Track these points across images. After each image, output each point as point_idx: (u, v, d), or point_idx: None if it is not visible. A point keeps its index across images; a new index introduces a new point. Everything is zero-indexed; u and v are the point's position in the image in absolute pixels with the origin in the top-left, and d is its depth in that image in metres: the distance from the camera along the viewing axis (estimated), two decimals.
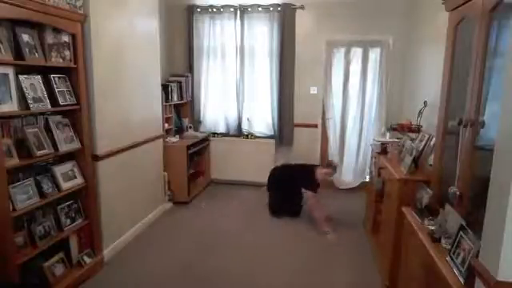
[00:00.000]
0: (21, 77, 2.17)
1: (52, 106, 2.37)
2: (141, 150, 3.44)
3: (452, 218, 1.72)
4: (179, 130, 4.68)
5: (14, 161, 2.10)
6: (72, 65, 2.52)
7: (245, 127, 4.91)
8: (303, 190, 3.85)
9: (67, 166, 2.57)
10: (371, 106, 4.62)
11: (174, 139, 4.32)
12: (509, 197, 1.12)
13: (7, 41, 2.07)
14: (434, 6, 3.08)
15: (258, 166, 4.69)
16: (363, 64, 4.56)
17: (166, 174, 4.06)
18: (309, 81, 4.67)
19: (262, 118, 4.88)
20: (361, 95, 4.62)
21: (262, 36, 4.67)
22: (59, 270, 2.48)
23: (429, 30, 3.57)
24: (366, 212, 3.76)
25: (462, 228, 1.54)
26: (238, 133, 4.94)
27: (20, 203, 2.14)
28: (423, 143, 2.57)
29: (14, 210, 2.10)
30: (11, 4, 1.97)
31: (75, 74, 2.55)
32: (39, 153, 2.25)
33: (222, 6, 4.65)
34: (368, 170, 4.15)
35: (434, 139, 2.38)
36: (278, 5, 4.50)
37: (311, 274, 2.82)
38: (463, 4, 1.77)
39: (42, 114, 2.39)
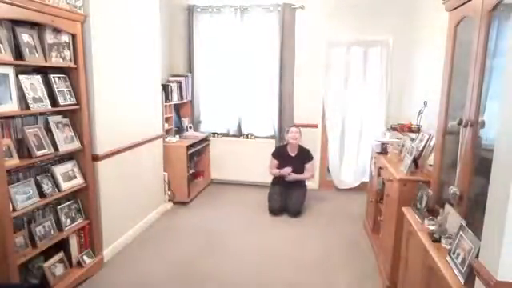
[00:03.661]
0: (21, 77, 2.17)
1: (52, 106, 2.37)
2: (141, 150, 3.44)
3: (452, 218, 1.72)
4: (179, 130, 4.68)
5: (14, 161, 2.10)
6: (72, 65, 2.52)
7: (245, 127, 4.91)
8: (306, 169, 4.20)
9: (67, 166, 2.57)
10: (371, 106, 4.62)
11: (174, 139, 4.31)
12: (509, 197, 1.12)
13: (7, 41, 2.07)
14: (434, 6, 3.07)
15: (257, 166, 4.68)
16: (363, 64, 4.56)
17: (166, 174, 4.05)
18: (309, 81, 4.66)
19: (262, 118, 4.87)
20: (361, 95, 4.62)
21: (261, 36, 4.67)
22: (59, 270, 2.48)
23: (429, 30, 3.56)
24: (366, 212, 3.76)
25: (462, 228, 1.54)
26: (238, 133, 4.94)
27: (20, 203, 2.14)
28: (423, 143, 2.57)
29: (14, 210, 2.09)
30: (11, 4, 1.97)
31: (75, 73, 2.55)
32: (39, 153, 2.25)
33: (222, 6, 4.65)
34: (368, 170, 4.15)
35: (433, 139, 2.38)
36: (278, 5, 4.50)
37: (311, 274, 2.82)
38: (463, 4, 1.77)
39: (42, 114, 2.39)
